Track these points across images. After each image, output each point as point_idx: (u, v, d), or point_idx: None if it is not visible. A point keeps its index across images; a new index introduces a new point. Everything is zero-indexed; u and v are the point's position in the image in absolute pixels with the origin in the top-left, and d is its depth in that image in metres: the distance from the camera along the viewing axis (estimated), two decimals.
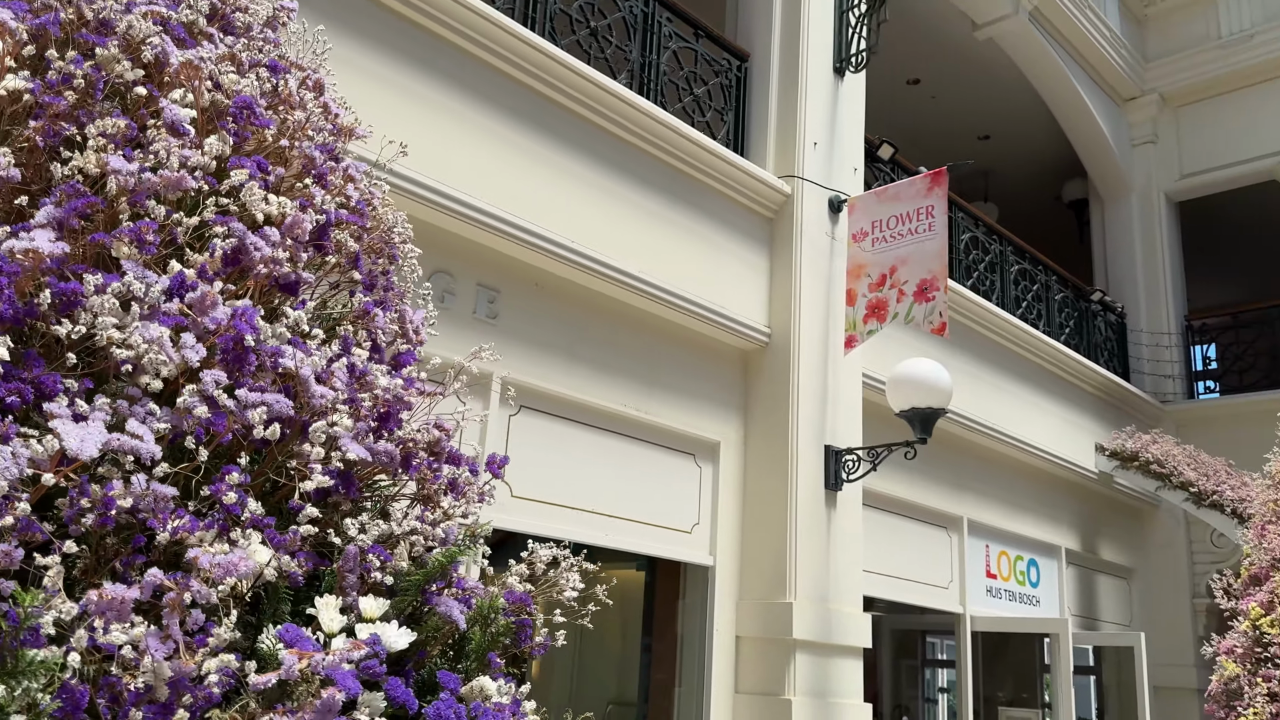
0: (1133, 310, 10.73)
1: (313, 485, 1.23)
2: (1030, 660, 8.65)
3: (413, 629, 1.25)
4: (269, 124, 1.63)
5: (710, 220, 5.66)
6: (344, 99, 1.94)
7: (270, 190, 1.57)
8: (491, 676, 1.31)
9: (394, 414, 1.46)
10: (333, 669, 1.05)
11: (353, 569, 1.28)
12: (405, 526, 1.37)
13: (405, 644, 1.21)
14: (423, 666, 1.31)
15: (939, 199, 5.61)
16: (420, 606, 1.35)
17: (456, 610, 1.32)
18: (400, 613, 1.31)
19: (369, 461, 1.38)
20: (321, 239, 1.57)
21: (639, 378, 5.30)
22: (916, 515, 7.25)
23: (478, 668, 1.35)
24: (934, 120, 11.03)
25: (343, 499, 1.36)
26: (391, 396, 1.44)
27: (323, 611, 1.20)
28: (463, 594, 1.40)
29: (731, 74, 6.27)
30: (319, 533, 1.29)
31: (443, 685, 1.24)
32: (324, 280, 1.63)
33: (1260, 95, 10.61)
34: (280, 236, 1.43)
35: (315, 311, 1.63)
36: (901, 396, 5.37)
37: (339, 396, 1.35)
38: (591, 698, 6.83)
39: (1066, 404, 8.81)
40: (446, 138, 4.41)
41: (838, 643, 5.37)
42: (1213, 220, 11.73)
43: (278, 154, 1.66)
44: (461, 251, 4.55)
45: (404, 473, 1.47)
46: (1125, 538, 9.75)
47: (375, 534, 1.33)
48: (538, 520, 4.70)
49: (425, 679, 1.29)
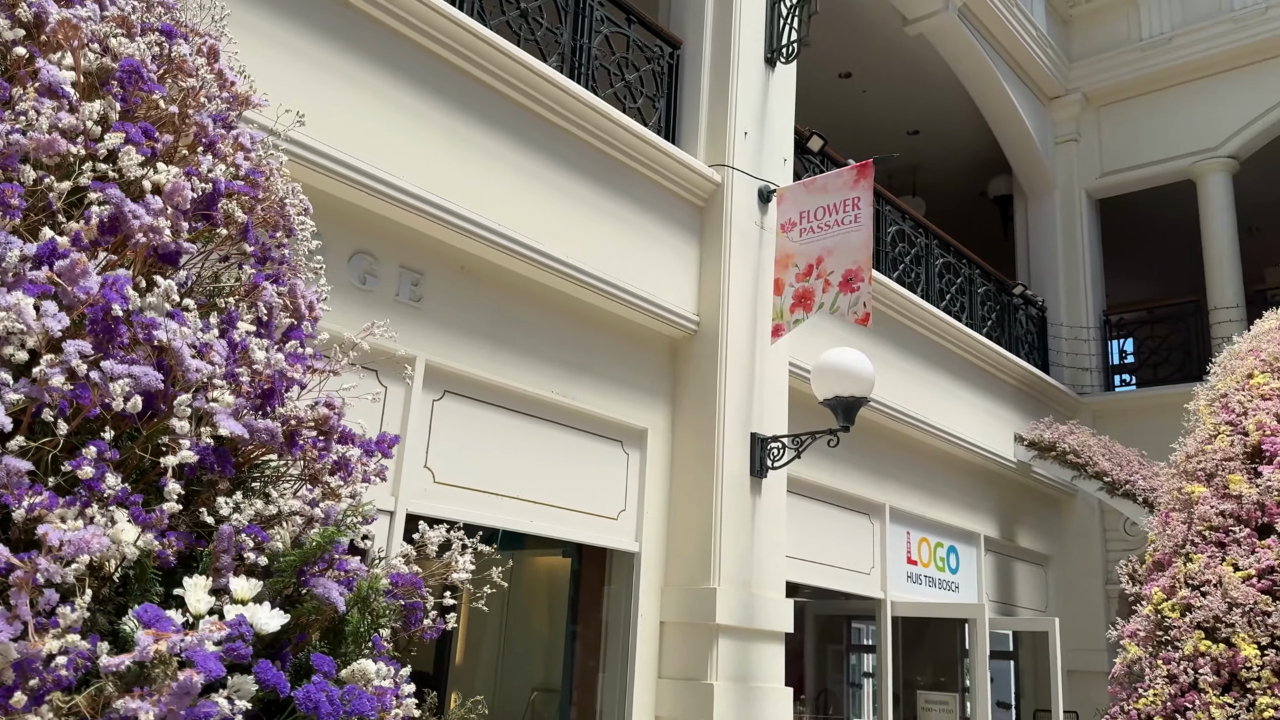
0: (1053, 304, 11.02)
1: (176, 460, 1.18)
2: (950, 645, 8.86)
3: (289, 611, 1.21)
4: (159, 90, 1.57)
5: (640, 207, 5.65)
6: (243, 68, 1.87)
7: (159, 158, 1.51)
8: (375, 659, 1.28)
9: (278, 390, 1.41)
10: (192, 650, 1.01)
11: (227, 549, 1.23)
12: (285, 506, 1.33)
13: (277, 626, 1.17)
14: (302, 650, 1.27)
15: (865, 191, 5.67)
16: (298, 588, 1.31)
17: (335, 592, 1.28)
18: (277, 594, 1.27)
19: (247, 439, 1.33)
20: (210, 209, 1.51)
21: (567, 364, 5.27)
22: (840, 502, 7.35)
23: (357, 651, 1.32)
24: (864, 114, 11.17)
25: (219, 477, 1.32)
26: (274, 372, 1.39)
27: (190, 592, 1.15)
28: (345, 576, 1.37)
29: (663, 61, 6.25)
30: (194, 512, 1.24)
31: (316, 668, 1.20)
32: (213, 253, 1.58)
33: (1177, 97, 10.95)
34: (161, 204, 1.37)
35: (208, 285, 1.57)
36: (825, 385, 5.43)
37: (216, 371, 1.30)
38: (517, 684, 6.80)
39: (987, 395, 9.02)
40: (370, 117, 4.32)
41: (760, 628, 5.43)
42: (1131, 217, 12.11)
43: (170, 122, 1.60)
44: (385, 233, 4.47)
45: (289, 451, 1.43)
46: (1042, 526, 10.02)
47: (251, 513, 1.29)
48: (461, 507, 4.65)
49: (304, 662, 1.25)
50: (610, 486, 5.47)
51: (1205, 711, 3.93)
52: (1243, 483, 4.42)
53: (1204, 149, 10.68)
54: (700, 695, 5.12)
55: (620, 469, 5.55)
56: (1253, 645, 3.95)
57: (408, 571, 1.47)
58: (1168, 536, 4.58)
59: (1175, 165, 10.89)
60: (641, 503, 5.55)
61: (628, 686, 5.27)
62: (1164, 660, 4.18)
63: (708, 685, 5.12)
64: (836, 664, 9.96)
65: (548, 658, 6.60)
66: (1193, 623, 4.17)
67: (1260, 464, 4.49)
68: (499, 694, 6.84)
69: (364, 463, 1.60)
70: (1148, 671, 4.22)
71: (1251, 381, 4.94)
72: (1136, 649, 4.33)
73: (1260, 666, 3.89)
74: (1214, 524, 4.42)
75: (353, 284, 4.34)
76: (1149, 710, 4.11)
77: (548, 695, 6.43)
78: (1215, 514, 4.43)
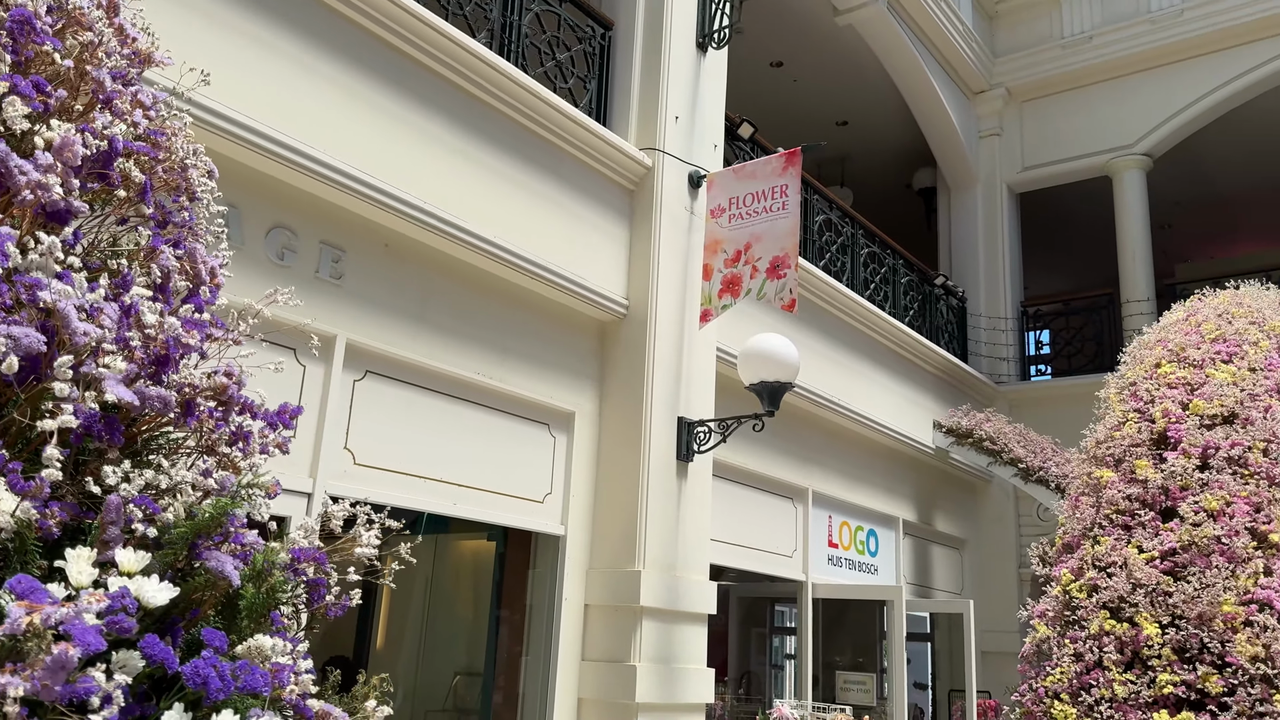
0: (973, 295, 11.28)
1: (55, 424, 1.13)
2: (869, 627, 9.04)
3: (181, 586, 1.16)
4: (53, 43, 1.49)
5: (570, 189, 5.60)
6: (147, 25, 1.79)
7: (52, 115, 1.43)
8: (272, 635, 1.24)
9: (173, 357, 1.36)
10: (69, 623, 0.97)
11: (115, 520, 1.18)
12: (178, 477, 1.28)
13: (165, 599, 1.13)
14: (196, 626, 1.23)
15: (793, 179, 5.71)
16: (191, 562, 1.26)
17: (230, 566, 1.24)
18: (168, 568, 1.22)
19: (138, 406, 1.27)
20: (106, 168, 1.44)
21: (493, 346, 5.21)
22: (764, 486, 7.43)
23: (252, 626, 1.28)
24: (795, 104, 11.27)
25: (108, 446, 1.26)
26: (169, 338, 1.34)
27: (72, 564, 1.10)
28: (242, 549, 1.32)
29: (595, 41, 6.21)
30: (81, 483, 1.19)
31: (207, 643, 1.16)
32: (111, 215, 1.50)
33: (1096, 94, 11.28)
34: (51, 160, 1.30)
35: (105, 249, 1.50)
36: (751, 370, 5.47)
37: (106, 335, 1.24)
38: (439, 668, 6.74)
39: (908, 382, 9.21)
40: (290, 87, 4.19)
41: (684, 610, 5.46)
42: (1050, 212, 12.45)
43: (65, 78, 1.52)
44: (305, 207, 4.35)
45: (185, 421, 1.38)
46: (959, 510, 10.29)
47: (140, 483, 1.23)
48: (383, 489, 4.57)
49: (197, 639, 1.21)
50: (536, 470, 5.44)
51: (1108, 688, 4.07)
52: (1149, 468, 4.59)
53: (1120, 146, 11.02)
54: (623, 677, 5.13)
55: (546, 452, 5.52)
56: (1154, 624, 4.10)
57: (309, 546, 1.43)
58: (1077, 520, 4.73)
59: (1092, 161, 11.22)
60: (568, 486, 5.54)
61: (551, 669, 5.26)
62: (1071, 639, 4.32)
63: (631, 667, 5.13)
64: (760, 646, 10.10)
65: (471, 641, 6.55)
66: (1099, 603, 4.31)
67: (1165, 450, 4.66)
68: (420, 678, 6.77)
69: (265, 435, 1.54)
70: (1055, 650, 4.36)
71: (1159, 371, 5.12)
72: (1045, 629, 4.47)
73: (1161, 644, 4.05)
74: (1121, 508, 4.57)
75: (270, 259, 4.22)
76: (1056, 687, 4.25)
77: (470, 679, 6.39)
78: (1122, 498, 4.58)
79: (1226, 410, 4.65)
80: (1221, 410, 4.66)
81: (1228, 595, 3.98)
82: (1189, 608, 4.03)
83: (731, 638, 9.61)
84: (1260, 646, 3.81)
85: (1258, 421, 4.54)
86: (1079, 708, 4.10)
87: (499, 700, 5.61)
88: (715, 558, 6.27)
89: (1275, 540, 4.11)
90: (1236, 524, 4.18)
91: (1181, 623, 4.06)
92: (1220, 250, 14.85)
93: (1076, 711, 4.08)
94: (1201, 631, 3.97)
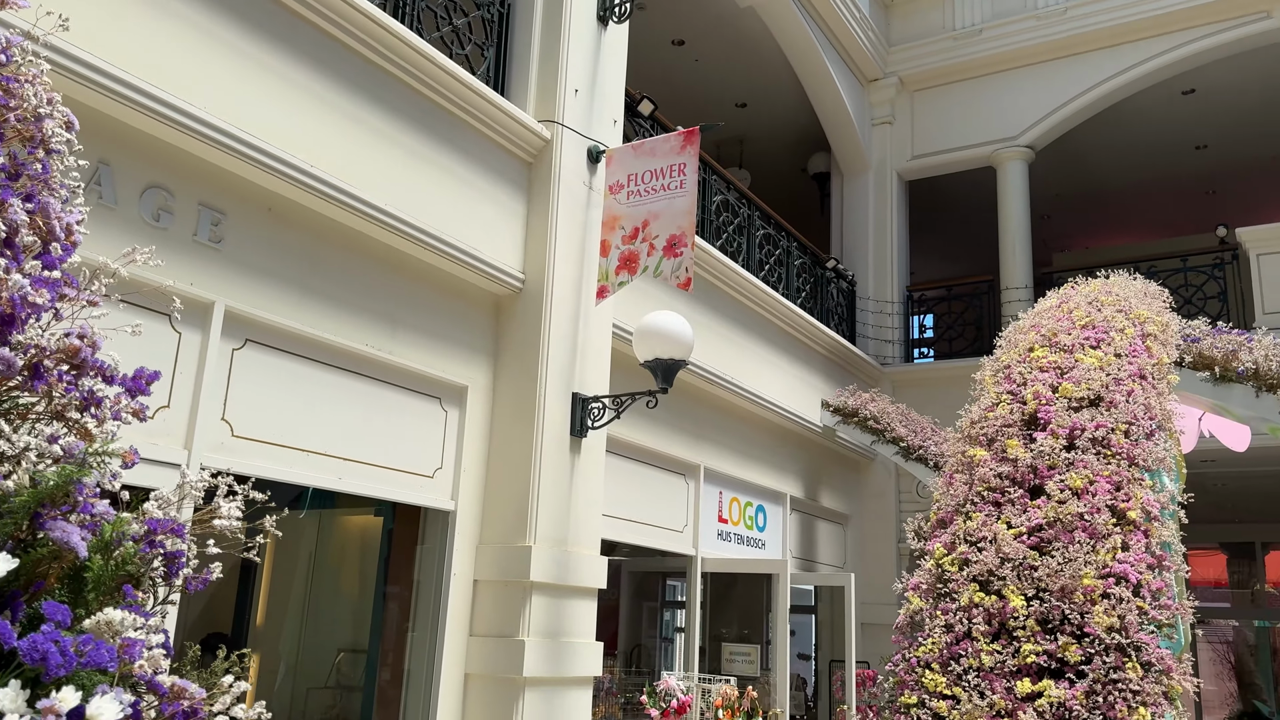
0: (862, 279, 11.58)
1: None
2: (756, 600, 9.25)
3: (22, 557, 1.10)
4: None
5: (466, 159, 5.50)
6: None
7: None
8: (124, 609, 1.19)
9: (18, 316, 1.27)
10: None
11: None
12: (20, 442, 1.21)
13: (2, 571, 1.06)
14: (39, 599, 1.16)
15: (691, 157, 5.73)
16: (34, 532, 1.19)
17: (76, 536, 1.17)
18: (8, 538, 1.16)
19: None
20: None
21: (383, 317, 5.09)
22: (656, 462, 7.50)
23: (101, 599, 1.22)
24: (696, 84, 11.31)
25: None
26: (14, 295, 1.25)
27: None
28: (91, 520, 1.26)
29: (494, 8, 6.09)
30: None
31: (49, 617, 1.10)
32: None
33: (984, 86, 11.67)
34: None
35: None
36: (646, 347, 5.49)
37: None
38: (323, 646, 6.60)
39: (798, 362, 9.41)
40: (166, 40, 3.98)
41: (574, 584, 5.47)
42: (937, 200, 12.85)
43: None
44: (181, 166, 4.15)
45: (32, 383, 1.30)
46: (844, 487, 10.60)
47: None
48: (263, 462, 4.43)
49: (38, 612, 1.14)
50: (427, 444, 5.35)
51: (976, 658, 4.27)
52: (1019, 447, 4.80)
53: (1004, 138, 11.44)
54: (511, 651, 5.12)
55: (438, 426, 5.44)
56: (1020, 596, 4.31)
57: (161, 516, 1.37)
58: (951, 496, 4.92)
59: (978, 152, 11.62)
60: (459, 461, 5.47)
61: (437, 645, 5.20)
62: (943, 611, 4.51)
63: (519, 641, 5.12)
64: (651, 620, 10.24)
65: (356, 618, 6.43)
66: (969, 576, 4.51)
67: (1036, 430, 4.89)
68: (303, 655, 6.62)
69: (120, 400, 1.46)
70: (928, 622, 4.55)
71: (1031, 355, 5.35)
72: (919, 601, 4.65)
73: (1026, 616, 4.25)
74: (992, 485, 4.78)
75: (145, 220, 4.02)
76: (927, 657, 4.43)
77: (355, 655, 6.28)
78: (994, 475, 4.79)
79: (1093, 393, 4.90)
80: (1089, 393, 4.90)
81: (1088, 569, 4.20)
82: (1052, 581, 4.24)
83: (623, 612, 9.71)
84: (1115, 618, 4.05)
85: (1121, 404, 4.79)
86: (948, 676, 4.28)
87: (385, 677, 5.53)
88: (607, 533, 6.30)
89: (1133, 517, 4.36)
90: (1098, 501, 4.41)
91: (1045, 595, 4.27)
92: (1095, 241, 15.61)
93: (946, 680, 4.26)
94: (1063, 604, 4.18)
